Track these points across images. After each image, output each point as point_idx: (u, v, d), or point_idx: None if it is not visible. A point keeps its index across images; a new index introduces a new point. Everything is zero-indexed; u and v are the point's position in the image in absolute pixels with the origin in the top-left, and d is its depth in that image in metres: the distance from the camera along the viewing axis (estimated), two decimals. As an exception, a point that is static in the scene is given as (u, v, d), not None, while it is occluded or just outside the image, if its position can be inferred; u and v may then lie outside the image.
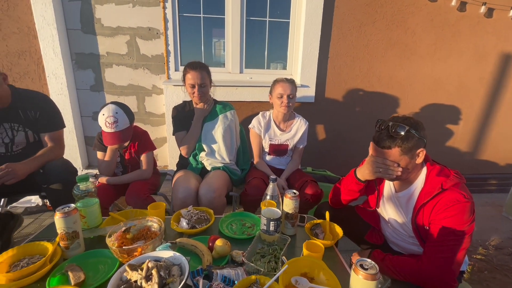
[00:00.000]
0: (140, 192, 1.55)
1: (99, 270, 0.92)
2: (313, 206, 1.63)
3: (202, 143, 1.75)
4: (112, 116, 1.46)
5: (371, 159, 1.08)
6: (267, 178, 1.74)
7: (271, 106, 1.88)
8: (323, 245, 0.99)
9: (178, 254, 0.83)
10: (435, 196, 0.98)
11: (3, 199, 1.71)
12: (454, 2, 2.30)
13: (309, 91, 2.43)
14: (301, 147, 1.91)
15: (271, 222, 1.05)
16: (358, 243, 1.38)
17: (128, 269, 0.77)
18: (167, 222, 1.21)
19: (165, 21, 2.20)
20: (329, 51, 2.37)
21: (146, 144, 1.69)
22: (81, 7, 2.14)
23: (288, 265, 0.84)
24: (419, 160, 1.01)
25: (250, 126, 1.88)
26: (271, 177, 1.22)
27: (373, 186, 1.24)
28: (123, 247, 0.91)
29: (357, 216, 1.34)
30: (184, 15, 2.28)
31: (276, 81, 1.79)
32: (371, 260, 0.76)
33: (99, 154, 1.63)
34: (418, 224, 1.04)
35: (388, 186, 1.19)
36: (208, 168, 1.77)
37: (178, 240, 1.02)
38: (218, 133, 1.73)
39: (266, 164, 1.88)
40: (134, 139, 1.65)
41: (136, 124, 1.71)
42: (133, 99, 2.40)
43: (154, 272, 0.74)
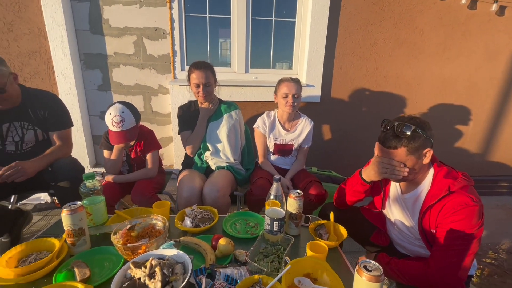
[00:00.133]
0: (145, 191, 1.57)
1: (104, 267, 0.93)
2: (317, 207, 1.62)
3: (207, 143, 1.76)
4: (118, 115, 1.48)
5: (376, 159, 1.06)
6: (272, 178, 1.73)
7: (276, 106, 1.87)
8: (327, 246, 0.98)
9: (181, 252, 0.83)
10: (441, 198, 0.96)
11: (13, 196, 1.76)
12: (464, 0, 2.25)
13: (315, 91, 2.42)
14: (306, 147, 1.90)
15: (274, 222, 1.04)
16: (363, 244, 1.36)
17: (132, 266, 0.78)
18: (171, 221, 1.22)
19: (172, 21, 2.22)
20: (336, 50, 2.35)
21: (152, 143, 1.71)
22: (90, 8, 2.18)
23: (291, 265, 0.84)
24: (426, 161, 0.99)
25: (254, 125, 1.88)
26: (275, 176, 1.21)
27: (379, 187, 1.22)
28: (128, 244, 0.92)
29: (362, 217, 1.32)
30: (190, 15, 2.30)
31: (281, 81, 1.78)
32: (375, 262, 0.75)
33: (106, 153, 1.65)
34: (425, 226, 1.02)
35: (394, 188, 1.17)
36: (213, 167, 1.78)
37: (182, 238, 1.03)
38: (223, 133, 1.73)
39: (270, 164, 1.87)
40: (140, 138, 1.67)
41: (142, 123, 1.72)
42: (139, 99, 2.42)
43: (157, 269, 0.75)
